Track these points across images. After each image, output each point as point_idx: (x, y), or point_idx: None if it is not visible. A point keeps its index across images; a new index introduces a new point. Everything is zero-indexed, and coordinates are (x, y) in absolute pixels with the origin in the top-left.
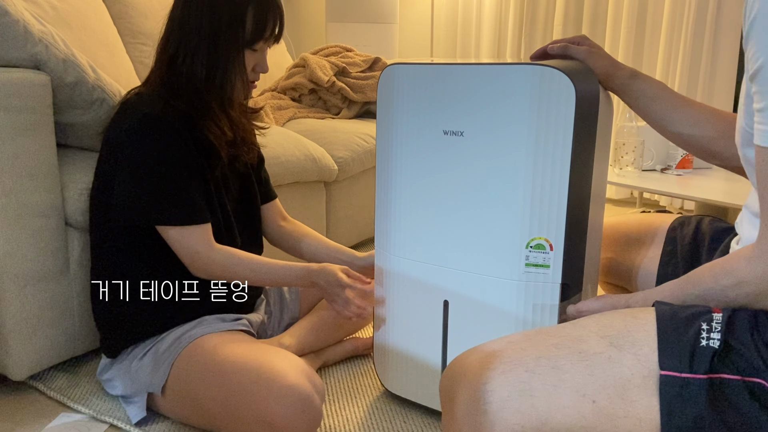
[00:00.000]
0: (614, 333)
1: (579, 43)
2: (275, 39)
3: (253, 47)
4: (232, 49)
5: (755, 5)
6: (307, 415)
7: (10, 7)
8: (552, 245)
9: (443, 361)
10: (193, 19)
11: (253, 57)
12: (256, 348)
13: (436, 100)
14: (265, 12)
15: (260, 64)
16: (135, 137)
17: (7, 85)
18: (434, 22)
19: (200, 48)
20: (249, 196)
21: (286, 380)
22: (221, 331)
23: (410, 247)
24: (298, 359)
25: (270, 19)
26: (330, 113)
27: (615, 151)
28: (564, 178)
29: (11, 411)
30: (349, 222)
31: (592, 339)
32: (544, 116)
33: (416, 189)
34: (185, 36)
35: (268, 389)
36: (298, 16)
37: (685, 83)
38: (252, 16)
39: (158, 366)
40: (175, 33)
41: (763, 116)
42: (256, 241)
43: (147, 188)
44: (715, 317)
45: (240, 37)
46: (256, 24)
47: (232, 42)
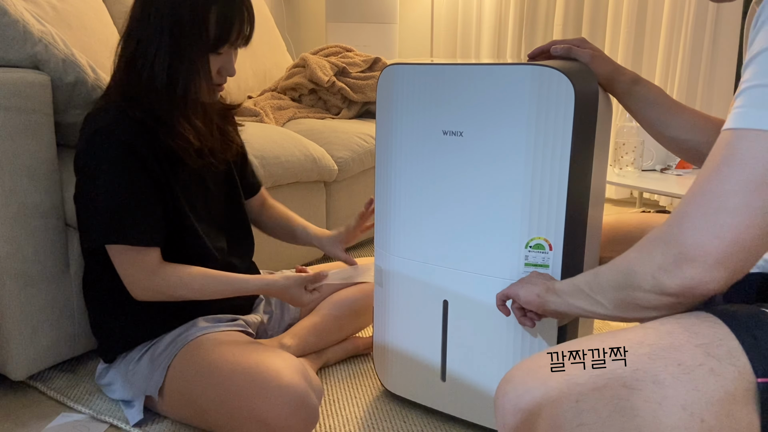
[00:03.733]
0: (707, 341)
1: (579, 46)
2: (244, 41)
3: (218, 51)
4: (194, 52)
5: None
6: (302, 414)
7: (10, 7)
8: (551, 245)
9: (443, 361)
10: (153, 19)
11: (218, 60)
12: (252, 348)
13: (436, 100)
14: (229, 13)
15: (226, 68)
16: (84, 157)
17: (7, 85)
18: (434, 22)
19: (161, 51)
20: (233, 194)
21: (281, 380)
22: (217, 331)
23: (410, 247)
24: (294, 359)
25: (236, 20)
26: (330, 113)
27: (615, 151)
28: (563, 178)
29: (11, 411)
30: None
31: (687, 348)
32: (543, 116)
33: (416, 189)
34: (145, 38)
35: (263, 389)
36: (298, 16)
37: (684, 85)
38: (215, 17)
39: (154, 369)
40: (134, 34)
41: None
42: (246, 237)
43: (92, 211)
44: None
45: (203, 39)
46: (220, 26)
47: (195, 45)
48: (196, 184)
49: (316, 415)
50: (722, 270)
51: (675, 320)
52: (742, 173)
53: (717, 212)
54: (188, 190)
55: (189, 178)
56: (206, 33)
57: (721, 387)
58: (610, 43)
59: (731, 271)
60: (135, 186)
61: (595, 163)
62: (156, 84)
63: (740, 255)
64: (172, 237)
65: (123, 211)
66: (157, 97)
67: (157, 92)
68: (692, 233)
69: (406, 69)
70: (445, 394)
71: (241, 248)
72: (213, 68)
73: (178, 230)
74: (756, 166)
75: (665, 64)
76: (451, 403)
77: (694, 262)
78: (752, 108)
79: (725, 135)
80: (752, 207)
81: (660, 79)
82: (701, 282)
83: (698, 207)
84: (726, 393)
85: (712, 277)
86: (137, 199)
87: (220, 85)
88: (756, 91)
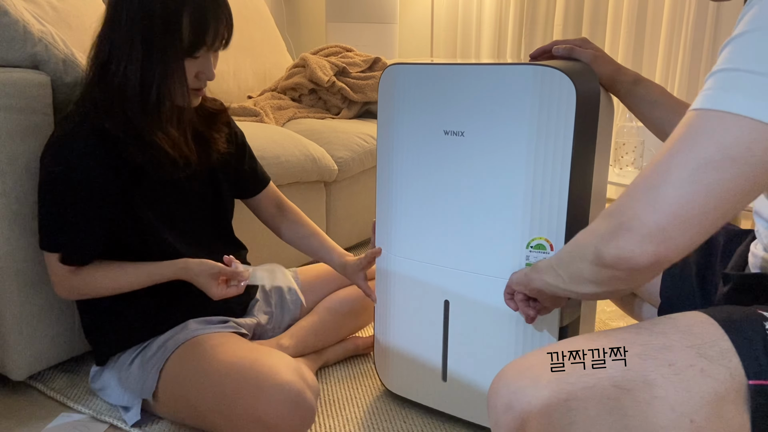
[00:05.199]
0: (699, 342)
1: (581, 46)
2: (222, 44)
3: (194, 55)
4: (168, 56)
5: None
6: (299, 412)
7: (10, 7)
8: (552, 245)
9: (443, 361)
10: (125, 22)
11: (195, 64)
12: (246, 347)
13: (437, 100)
14: (204, 15)
15: (204, 72)
16: (41, 160)
17: (7, 85)
18: (434, 22)
19: (133, 56)
20: (218, 198)
21: (276, 378)
22: (209, 333)
23: (411, 247)
24: (289, 357)
25: (211, 22)
26: (330, 113)
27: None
28: (564, 178)
29: (11, 411)
30: (349, 222)
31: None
32: (544, 116)
33: (417, 189)
34: (118, 42)
35: (258, 387)
36: (298, 16)
37: (685, 84)
38: (189, 20)
39: (146, 373)
40: (107, 38)
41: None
42: (232, 244)
43: (39, 213)
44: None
45: (177, 43)
46: (195, 28)
47: (169, 49)
48: (171, 194)
49: (312, 413)
50: (654, 243)
51: (669, 320)
52: (693, 149)
53: (660, 185)
54: (160, 200)
55: (162, 188)
56: (180, 36)
57: (711, 388)
58: (610, 43)
59: (664, 247)
60: (75, 203)
61: (596, 163)
62: (128, 92)
63: (676, 230)
64: (139, 249)
65: (56, 224)
66: (129, 105)
67: (129, 100)
68: (633, 204)
69: (407, 69)
70: (445, 394)
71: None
72: (190, 73)
73: (146, 242)
74: (708, 145)
75: (665, 64)
76: (452, 403)
77: (629, 231)
78: (718, 90)
79: (688, 115)
80: (696, 182)
81: (660, 79)
82: (633, 253)
83: (645, 179)
84: (716, 394)
85: (643, 249)
86: (73, 216)
87: (199, 89)
88: (725, 75)
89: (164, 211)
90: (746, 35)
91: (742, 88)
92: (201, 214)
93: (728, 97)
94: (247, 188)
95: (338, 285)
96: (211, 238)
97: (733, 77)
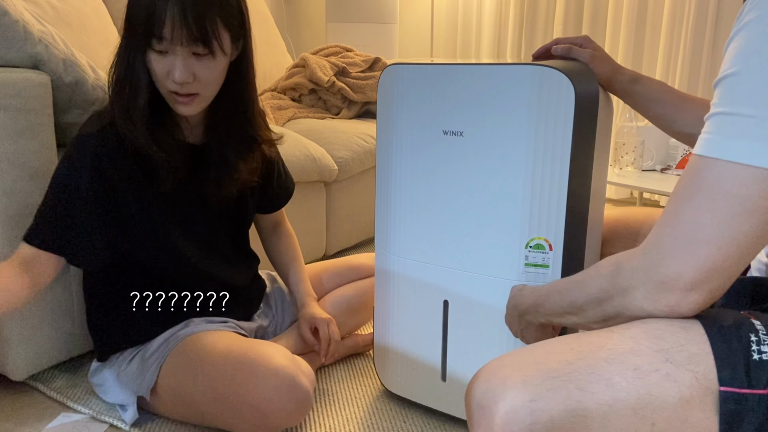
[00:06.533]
0: (668, 347)
1: (582, 45)
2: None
3: (153, 46)
4: (133, 50)
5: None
6: (293, 396)
7: (10, 7)
8: (551, 245)
9: (443, 361)
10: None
11: (163, 62)
12: (241, 339)
13: (436, 100)
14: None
15: (172, 71)
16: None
17: (7, 85)
18: (434, 22)
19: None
20: (242, 212)
21: (269, 363)
22: (208, 330)
23: (410, 247)
24: (283, 347)
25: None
26: (330, 113)
27: (615, 151)
28: (564, 178)
29: (11, 411)
30: (349, 222)
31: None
32: (543, 116)
33: (416, 189)
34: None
35: (252, 374)
36: (298, 16)
37: (685, 83)
38: (140, 8)
39: (146, 369)
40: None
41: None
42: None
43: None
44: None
45: (137, 34)
46: (144, 16)
47: (132, 41)
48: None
49: (308, 398)
50: (700, 293)
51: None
52: (713, 205)
53: (692, 242)
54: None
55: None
56: (140, 26)
57: (676, 392)
58: (610, 43)
59: (708, 293)
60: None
61: (595, 163)
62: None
63: (716, 279)
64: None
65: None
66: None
67: (113, 99)
68: (669, 263)
69: (406, 69)
70: (445, 394)
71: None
72: (160, 70)
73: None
74: (726, 199)
75: (665, 63)
76: (452, 403)
77: (673, 290)
78: (720, 136)
79: (694, 161)
80: (725, 237)
81: (660, 78)
82: (680, 305)
83: (674, 238)
84: (681, 398)
85: (690, 300)
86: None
87: (176, 93)
88: (725, 119)
89: (180, 219)
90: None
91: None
92: (219, 224)
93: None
94: (271, 205)
95: (337, 284)
96: (228, 249)
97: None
